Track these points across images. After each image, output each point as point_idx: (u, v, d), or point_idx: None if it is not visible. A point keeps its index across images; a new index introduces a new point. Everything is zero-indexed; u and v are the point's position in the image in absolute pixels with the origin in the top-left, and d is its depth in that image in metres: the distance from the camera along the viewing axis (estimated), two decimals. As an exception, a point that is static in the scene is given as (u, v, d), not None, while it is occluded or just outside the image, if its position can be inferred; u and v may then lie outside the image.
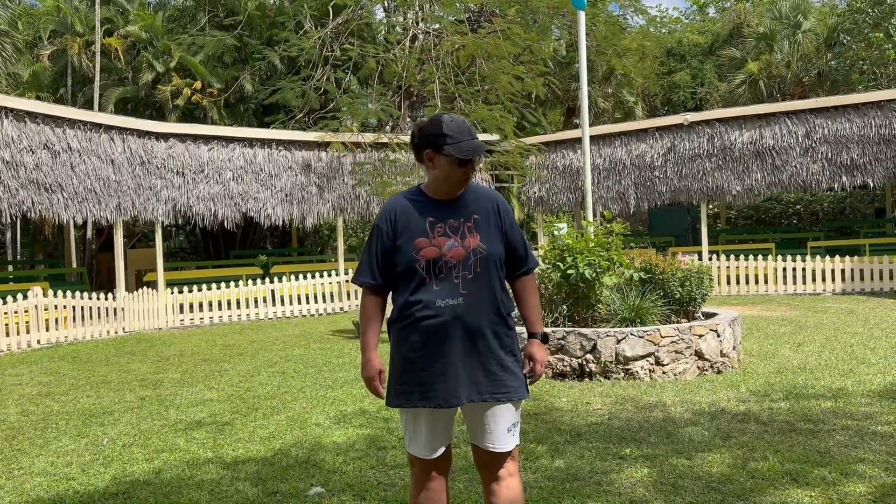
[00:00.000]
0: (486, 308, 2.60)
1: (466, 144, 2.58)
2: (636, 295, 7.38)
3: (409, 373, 2.62)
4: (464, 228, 2.63)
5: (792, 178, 14.75)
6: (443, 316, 2.56)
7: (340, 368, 7.98)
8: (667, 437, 4.76)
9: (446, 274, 2.58)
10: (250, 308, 14.12)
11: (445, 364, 2.56)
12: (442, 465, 2.70)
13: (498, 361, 2.60)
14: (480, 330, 2.58)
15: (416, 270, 2.60)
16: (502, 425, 2.62)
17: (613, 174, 16.23)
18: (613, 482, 3.94)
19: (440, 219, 2.64)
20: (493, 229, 2.67)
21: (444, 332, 2.56)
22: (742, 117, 15.65)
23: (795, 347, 8.01)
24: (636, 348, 6.64)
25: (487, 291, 2.61)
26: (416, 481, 2.71)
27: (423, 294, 2.59)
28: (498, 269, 2.66)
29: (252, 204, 14.82)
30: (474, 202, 2.69)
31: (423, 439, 2.64)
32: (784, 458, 4.20)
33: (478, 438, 2.67)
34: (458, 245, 2.60)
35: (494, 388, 2.59)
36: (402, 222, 2.66)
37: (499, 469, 2.65)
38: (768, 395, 5.80)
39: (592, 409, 5.59)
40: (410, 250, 2.61)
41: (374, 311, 2.73)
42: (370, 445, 4.83)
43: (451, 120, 2.63)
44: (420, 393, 2.59)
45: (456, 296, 2.57)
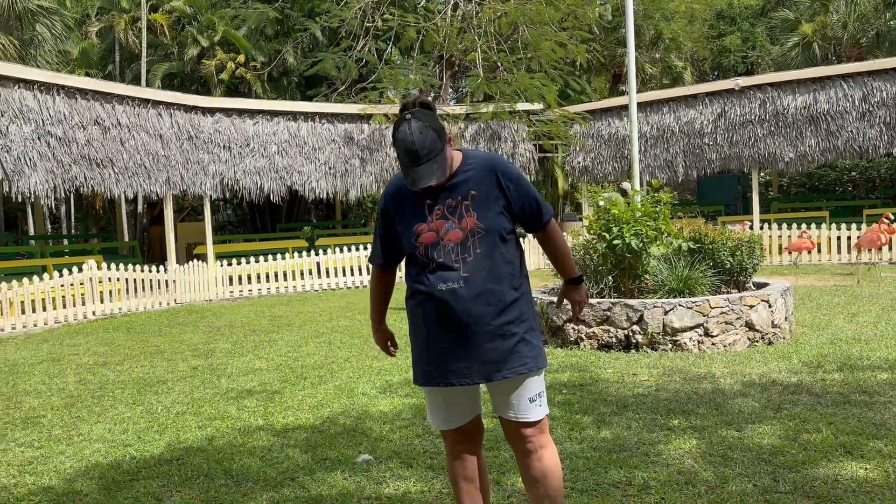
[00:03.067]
0: (489, 287, 2.52)
1: (409, 174, 2.44)
2: (685, 265, 7.24)
3: (421, 353, 2.63)
4: (461, 208, 2.53)
5: (847, 144, 14.24)
6: (446, 300, 2.51)
7: (385, 339, 8.04)
8: (716, 408, 4.69)
9: (445, 257, 2.52)
10: (296, 280, 14.33)
11: (454, 346, 2.53)
12: (469, 437, 2.69)
13: (509, 335, 2.53)
14: (485, 309, 2.51)
15: (416, 257, 2.57)
16: (524, 396, 2.57)
17: (661, 142, 15.90)
18: (661, 453, 3.90)
19: (438, 200, 2.55)
20: (494, 203, 2.55)
21: (449, 314, 2.51)
22: (795, 81, 15.12)
23: (850, 318, 7.79)
24: (684, 319, 6.53)
25: (490, 268, 2.53)
26: (448, 453, 2.74)
27: (426, 279, 2.55)
28: (500, 243, 2.56)
29: (296, 177, 14.97)
30: (473, 176, 2.56)
31: (440, 414, 2.66)
32: (838, 431, 4.10)
33: (501, 410, 2.63)
34: (456, 226, 2.52)
35: (509, 364, 2.53)
36: (401, 205, 2.60)
37: (526, 441, 2.60)
38: (821, 367, 5.66)
39: (639, 381, 5.54)
40: (410, 236, 2.57)
41: (381, 288, 2.86)
42: (415, 414, 4.88)
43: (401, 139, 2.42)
44: (433, 372, 2.59)
45: (457, 279, 2.50)
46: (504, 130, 16.42)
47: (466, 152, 2.63)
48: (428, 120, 2.45)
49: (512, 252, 2.60)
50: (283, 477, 3.82)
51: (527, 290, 2.64)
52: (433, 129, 2.45)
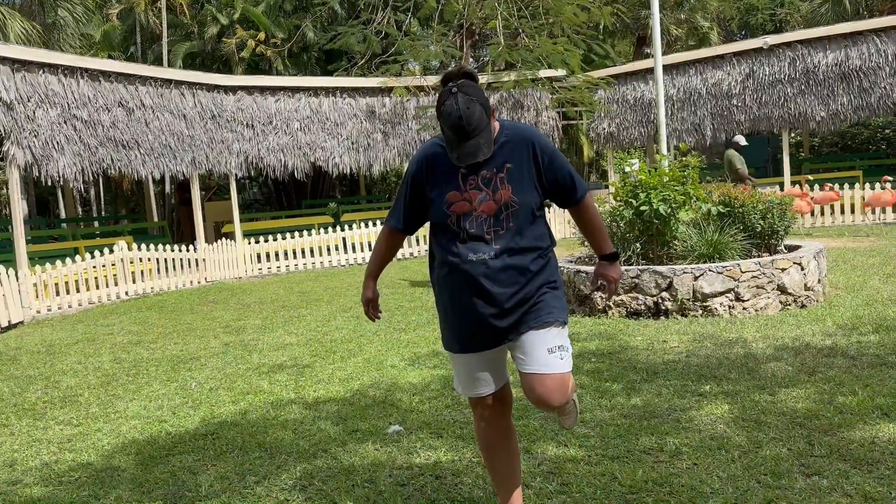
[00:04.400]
0: (518, 259, 2.51)
1: (456, 150, 2.42)
2: (714, 230, 7.12)
3: (448, 322, 2.64)
4: (496, 180, 2.51)
5: (881, 101, 13.84)
6: (475, 271, 2.50)
7: (413, 312, 8.08)
8: (748, 373, 4.63)
9: (478, 228, 2.50)
10: (323, 256, 14.41)
11: (480, 315, 2.52)
12: (499, 403, 2.69)
13: (533, 295, 2.52)
14: (514, 279, 2.51)
15: (447, 226, 2.55)
16: (540, 347, 2.51)
17: (688, 105, 15.60)
18: (693, 419, 3.87)
19: (473, 170, 2.52)
20: (528, 177, 2.53)
21: (477, 286, 2.50)
22: (826, 38, 14.69)
23: (885, 278, 7.62)
24: (715, 284, 6.44)
25: (519, 243, 2.51)
26: (477, 420, 2.74)
27: (456, 248, 2.53)
28: (531, 217, 2.55)
29: (320, 153, 14.97)
30: (509, 148, 2.53)
31: (470, 382, 2.66)
32: (874, 393, 4.02)
33: (524, 366, 2.56)
34: (490, 198, 2.50)
35: (530, 320, 2.52)
36: (434, 173, 2.57)
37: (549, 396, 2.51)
38: (856, 329, 5.55)
39: (669, 347, 5.49)
40: (442, 204, 2.54)
41: (385, 247, 2.79)
42: (444, 386, 4.89)
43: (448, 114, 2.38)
44: (460, 341, 2.61)
45: (488, 251, 2.49)
46: (527, 99, 16.21)
47: (503, 122, 2.60)
48: (473, 93, 2.42)
49: (541, 226, 2.60)
50: (316, 449, 3.86)
51: (554, 260, 2.64)
52: (479, 102, 2.42)
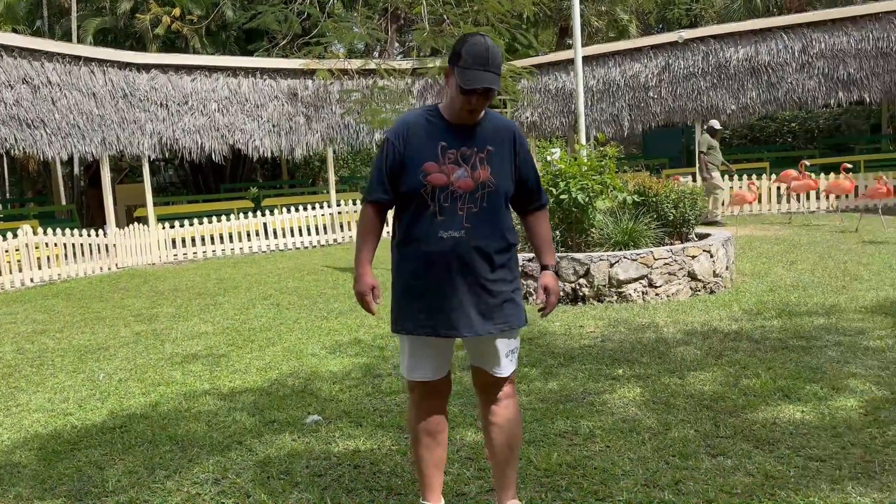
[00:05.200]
0: (489, 241, 2.54)
1: (471, 73, 2.41)
2: (629, 218, 7.32)
3: (409, 300, 2.59)
4: (476, 159, 2.53)
5: (787, 95, 14.52)
6: (444, 247, 2.50)
7: (335, 299, 7.99)
8: (659, 357, 4.79)
9: (451, 204, 2.50)
10: (243, 242, 14.06)
11: (444, 294, 2.53)
12: (441, 391, 2.70)
13: (498, 293, 2.56)
14: (480, 263, 2.53)
15: (420, 196, 2.52)
16: (502, 352, 2.62)
17: (607, 96, 15.94)
18: (606, 402, 3.98)
19: (453, 145, 2.53)
20: (506, 163, 2.59)
21: (444, 262, 2.51)
22: (738, 33, 15.28)
23: (788, 266, 8.03)
24: (629, 271, 6.63)
25: (491, 225, 2.54)
26: (415, 407, 2.71)
27: (426, 222, 2.52)
28: (504, 203, 2.59)
29: (239, 136, 14.57)
30: (491, 132, 2.58)
31: (421, 365, 2.63)
32: (776, 375, 4.23)
33: (478, 363, 2.67)
34: (468, 176, 2.51)
35: (496, 320, 2.56)
36: (413, 140, 2.55)
37: (497, 392, 2.67)
38: (761, 314, 5.83)
39: (586, 332, 5.62)
40: (417, 173, 2.52)
41: (374, 227, 2.66)
42: (366, 374, 4.86)
43: (474, 44, 2.44)
44: (419, 320, 2.57)
45: (459, 227, 2.50)
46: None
47: (487, 110, 2.64)
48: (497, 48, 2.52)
49: (509, 216, 2.65)
50: (230, 441, 3.77)
51: (516, 253, 2.69)
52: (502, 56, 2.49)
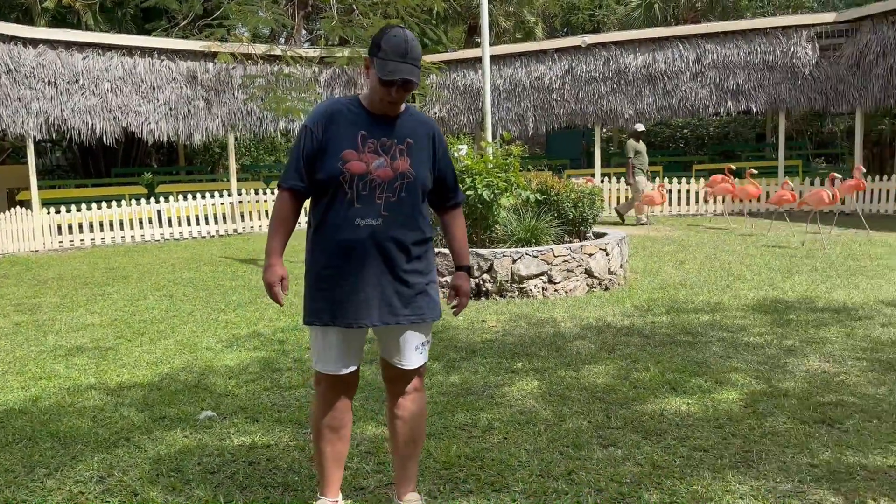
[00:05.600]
0: (405, 232, 2.53)
1: (391, 65, 2.40)
2: (532, 216, 7.49)
3: (323, 290, 2.54)
4: (395, 149, 2.52)
5: (681, 103, 15.22)
6: (360, 235, 2.48)
7: (233, 291, 7.76)
8: (556, 351, 4.93)
9: (369, 193, 2.48)
10: (135, 229, 13.42)
11: (359, 284, 2.50)
12: (349, 385, 2.66)
13: (413, 284, 2.56)
14: (396, 253, 2.52)
15: (338, 183, 2.48)
16: (412, 344, 2.62)
17: (513, 96, 16.22)
18: (505, 395, 4.05)
19: (373, 134, 2.51)
20: (425, 157, 2.59)
21: (360, 251, 2.49)
22: (637, 41, 15.88)
23: (678, 265, 8.44)
24: (531, 268, 6.78)
25: (408, 216, 2.54)
26: (321, 401, 2.66)
27: (343, 210, 2.49)
28: (421, 196, 2.59)
29: (133, 118, 13.88)
30: (411, 125, 2.58)
31: (333, 357, 2.58)
32: (664, 369, 4.44)
33: (388, 355, 2.66)
34: (387, 165, 2.50)
35: (409, 311, 2.56)
36: (332, 128, 2.52)
37: (406, 384, 2.67)
38: (651, 310, 6.10)
39: (487, 327, 5.71)
40: (336, 160, 2.48)
41: (287, 216, 2.59)
42: (264, 368, 4.75)
43: (394, 35, 2.43)
44: (332, 311, 2.53)
45: (376, 216, 2.48)
46: (360, 77, 16.07)
47: (408, 105, 2.64)
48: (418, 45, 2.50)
49: (426, 209, 2.66)
50: (117, 437, 3.59)
51: (433, 252, 2.69)
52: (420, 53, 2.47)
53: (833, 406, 3.71)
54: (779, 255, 8.91)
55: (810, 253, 9.04)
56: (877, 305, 5.98)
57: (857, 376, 4.19)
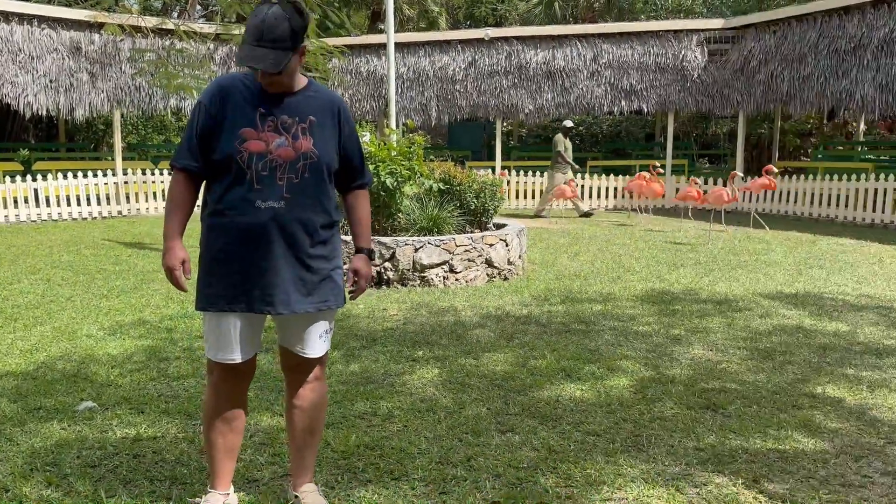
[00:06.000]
0: (309, 215, 2.41)
1: (245, 50, 2.27)
2: (435, 205, 7.49)
3: (219, 275, 2.40)
4: (297, 128, 2.39)
5: (578, 100, 15.66)
6: (261, 218, 2.35)
7: (117, 276, 7.34)
8: (457, 339, 4.95)
9: (270, 173, 2.35)
10: (9, 209, 12.46)
11: (259, 269, 2.38)
12: (244, 374, 2.54)
13: (318, 269, 2.46)
14: (300, 237, 2.40)
15: (235, 163, 2.34)
16: (316, 332, 2.52)
17: (417, 85, 16.18)
18: (406, 383, 4.03)
19: (273, 112, 2.38)
20: (329, 136, 2.47)
21: (260, 235, 2.36)
22: (538, 37, 16.19)
23: (572, 257, 8.68)
24: (432, 257, 6.78)
25: (312, 198, 2.42)
26: (213, 390, 2.53)
27: (242, 192, 2.35)
28: (327, 177, 2.47)
29: (9, 89, 12.86)
30: (315, 103, 2.45)
31: (227, 345, 2.45)
32: (560, 356, 4.54)
33: (289, 343, 2.54)
34: (289, 145, 2.37)
35: (313, 298, 2.45)
36: (230, 104, 2.37)
37: (307, 373, 2.58)
38: (548, 300, 6.24)
39: (388, 315, 5.66)
40: (233, 139, 2.34)
41: (185, 197, 2.44)
42: (150, 357, 4.50)
43: (255, 14, 2.28)
44: (229, 297, 2.40)
45: (278, 199, 2.35)
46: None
47: (312, 81, 2.49)
48: (291, 16, 2.29)
49: (333, 191, 2.54)
50: (-16, 431, 3.31)
51: (339, 236, 2.58)
52: (291, 27, 2.28)
53: (716, 392, 3.91)
54: (666, 249, 9.33)
55: (694, 248, 9.52)
56: (755, 298, 6.36)
57: (737, 364, 4.43)
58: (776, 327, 5.31)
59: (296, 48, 2.31)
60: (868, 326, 5.33)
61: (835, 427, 3.42)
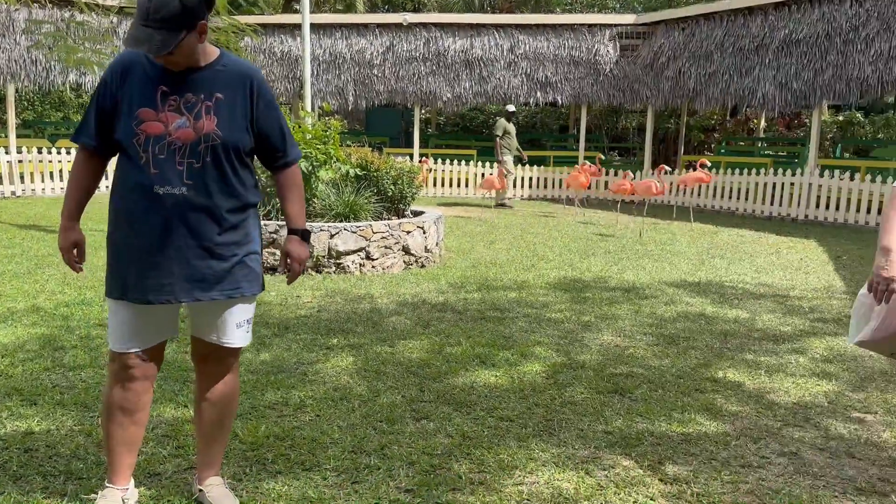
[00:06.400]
0: (215, 201, 2.27)
1: (133, 30, 2.11)
2: (351, 191, 7.38)
3: (122, 262, 2.27)
4: (202, 107, 2.24)
5: (496, 90, 15.79)
6: (162, 205, 2.21)
7: (9, 260, 6.88)
8: (373, 326, 4.90)
9: (168, 157, 2.20)
10: None
11: (163, 257, 2.24)
12: (148, 364, 2.40)
13: (228, 256, 2.33)
14: (206, 225, 2.27)
15: (133, 145, 2.20)
16: (232, 321, 2.41)
17: (333, 67, 15.90)
18: (319, 371, 3.95)
19: (175, 91, 2.22)
20: (239, 114, 2.30)
21: (162, 222, 2.22)
22: (456, 25, 16.20)
23: (488, 245, 8.76)
24: (349, 243, 6.69)
25: (219, 182, 2.27)
26: (113, 380, 2.38)
27: (140, 176, 2.20)
28: (236, 159, 2.31)
29: None
30: (224, 78, 2.28)
31: (125, 334, 2.32)
32: (475, 343, 4.57)
33: (202, 332, 2.42)
34: (189, 126, 2.22)
35: (224, 285, 2.33)
36: (129, 82, 2.22)
37: (218, 364, 2.47)
38: (464, 287, 6.26)
39: (302, 303, 5.54)
40: (131, 120, 2.19)
41: (84, 176, 2.31)
42: (45, 346, 4.24)
43: None
44: (124, 285, 2.27)
45: (178, 184, 2.21)
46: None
47: (225, 52, 2.32)
48: None
49: (248, 176, 2.38)
50: None
51: (255, 219, 2.43)
52: (183, 4, 2.08)
53: (624, 377, 4.02)
54: (578, 238, 9.55)
55: (605, 237, 9.79)
56: (661, 286, 6.59)
57: (644, 349, 4.58)
58: (680, 314, 5.52)
59: (192, 26, 2.14)
60: (766, 314, 5.61)
61: (735, 410, 3.58)
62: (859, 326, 2.78)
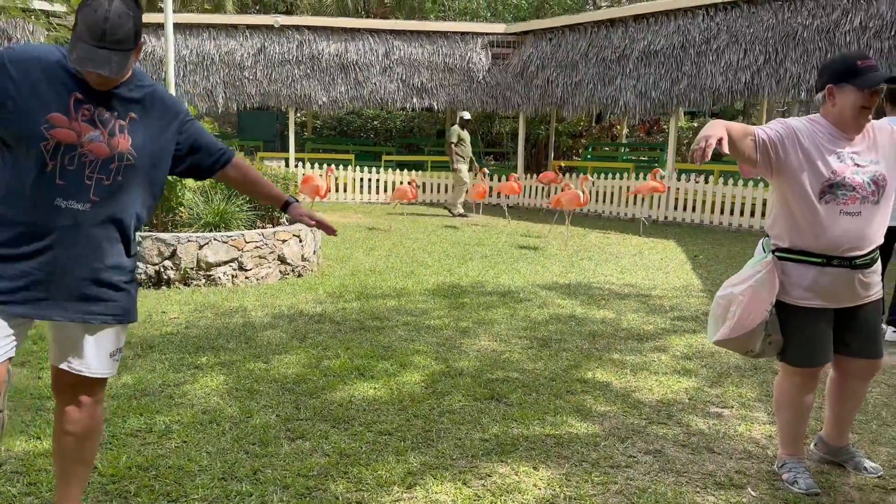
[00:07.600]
0: (116, 222, 2.13)
1: (83, 50, 1.93)
2: (222, 199, 7.10)
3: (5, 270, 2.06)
4: (115, 125, 2.08)
5: (372, 95, 15.73)
6: (61, 218, 2.03)
7: None
8: (246, 342, 4.73)
9: (77, 169, 2.03)
10: None
11: (46, 272, 2.06)
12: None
13: (114, 282, 2.18)
14: (105, 245, 2.12)
15: (37, 150, 1.99)
16: (105, 349, 2.24)
17: (201, 69, 15.27)
18: (187, 393, 3.76)
19: (91, 101, 2.05)
20: (155, 134, 2.17)
21: (56, 238, 2.04)
22: (330, 28, 16.01)
23: (368, 252, 8.70)
24: (219, 254, 6.43)
25: (123, 205, 2.13)
26: None
27: (42, 185, 2.01)
28: (147, 183, 2.19)
29: None
30: (139, 100, 2.14)
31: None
32: (353, 355, 4.51)
33: (68, 360, 2.21)
34: (103, 141, 2.05)
35: (103, 309, 2.17)
36: (39, 79, 2.01)
37: (84, 394, 2.27)
38: (342, 297, 6.18)
39: (168, 319, 5.27)
40: (39, 121, 1.98)
41: None
42: None
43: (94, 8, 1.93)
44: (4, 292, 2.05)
45: (83, 200, 2.05)
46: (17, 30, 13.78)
47: (136, 71, 2.16)
48: (132, 12, 1.97)
49: (151, 199, 2.26)
50: None
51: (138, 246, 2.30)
52: (135, 23, 1.96)
53: (500, 382, 4.10)
54: (456, 244, 9.68)
55: (481, 241, 9.97)
56: (534, 289, 6.79)
57: (519, 353, 4.69)
58: (552, 316, 5.70)
59: (136, 47, 2.04)
60: (630, 313, 5.90)
61: (603, 410, 3.73)
62: (717, 326, 2.98)
